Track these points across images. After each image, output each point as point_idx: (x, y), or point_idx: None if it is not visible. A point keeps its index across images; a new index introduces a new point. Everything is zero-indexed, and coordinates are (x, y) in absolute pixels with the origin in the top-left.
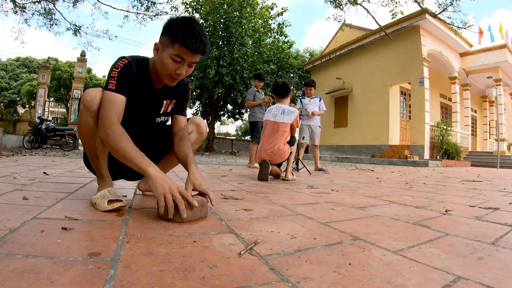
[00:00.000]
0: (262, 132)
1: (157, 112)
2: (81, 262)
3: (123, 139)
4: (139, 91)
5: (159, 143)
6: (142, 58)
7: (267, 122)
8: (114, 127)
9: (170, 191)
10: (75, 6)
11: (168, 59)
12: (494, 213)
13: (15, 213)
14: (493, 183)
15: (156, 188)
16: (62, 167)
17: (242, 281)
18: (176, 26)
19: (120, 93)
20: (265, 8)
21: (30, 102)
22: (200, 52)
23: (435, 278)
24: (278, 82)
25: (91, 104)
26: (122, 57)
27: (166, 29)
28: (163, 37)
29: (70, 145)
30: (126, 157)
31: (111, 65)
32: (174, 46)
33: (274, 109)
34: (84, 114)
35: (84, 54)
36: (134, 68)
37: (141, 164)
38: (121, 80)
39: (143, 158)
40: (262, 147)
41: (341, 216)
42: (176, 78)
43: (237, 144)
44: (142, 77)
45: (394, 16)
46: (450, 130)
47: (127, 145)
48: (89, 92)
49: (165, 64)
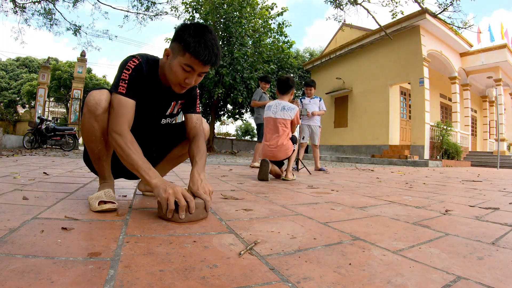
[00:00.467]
0: (264, 129)
1: (164, 113)
2: (81, 262)
3: (132, 148)
4: (148, 92)
5: (161, 144)
6: (152, 58)
7: (268, 119)
8: (124, 133)
9: (173, 194)
10: (75, 6)
11: (178, 67)
12: (494, 213)
13: (15, 213)
14: (493, 183)
15: (159, 194)
16: (62, 167)
17: (242, 281)
18: (188, 34)
19: (130, 97)
20: (265, 8)
21: (30, 102)
22: (211, 64)
23: (435, 278)
24: (281, 77)
25: (96, 107)
26: (132, 57)
27: (178, 35)
28: (174, 44)
29: (70, 145)
30: (133, 166)
31: (121, 64)
32: (185, 55)
33: (274, 106)
34: (88, 118)
35: (84, 54)
36: (144, 69)
37: (147, 176)
38: (132, 83)
39: (149, 170)
40: (265, 144)
41: (341, 216)
42: (185, 87)
43: (237, 144)
44: (151, 78)
45: (394, 16)
46: (450, 130)
47: (136, 155)
48: (94, 95)
49: (174, 72)
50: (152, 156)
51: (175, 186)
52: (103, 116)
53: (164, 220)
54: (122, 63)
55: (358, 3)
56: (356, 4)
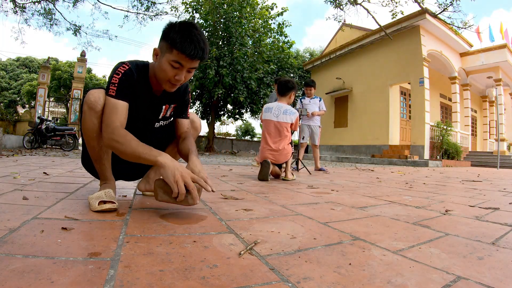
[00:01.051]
0: (265, 131)
1: (156, 117)
2: (81, 262)
3: (127, 140)
4: (139, 97)
5: (156, 145)
6: (142, 63)
7: (270, 122)
8: (117, 131)
9: (182, 178)
10: (75, 6)
11: (167, 65)
12: (494, 213)
13: (15, 213)
14: (493, 183)
15: (167, 176)
16: (62, 167)
17: (242, 281)
18: (174, 32)
19: (121, 98)
20: (265, 8)
21: (30, 102)
22: (198, 58)
23: (435, 278)
24: (281, 78)
25: (95, 104)
26: (122, 63)
27: (164, 34)
28: (162, 43)
29: (70, 145)
30: (135, 155)
31: (111, 70)
32: (172, 52)
33: (275, 109)
34: (89, 115)
35: (84, 54)
36: (134, 74)
37: (151, 157)
38: (122, 86)
39: (151, 150)
40: (266, 147)
41: (341, 216)
42: (175, 84)
43: (237, 144)
44: (142, 83)
45: (394, 16)
46: (450, 130)
47: (133, 144)
48: (93, 93)
49: (163, 70)
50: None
51: (183, 169)
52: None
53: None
54: (112, 69)
55: (358, 3)
56: (356, 4)
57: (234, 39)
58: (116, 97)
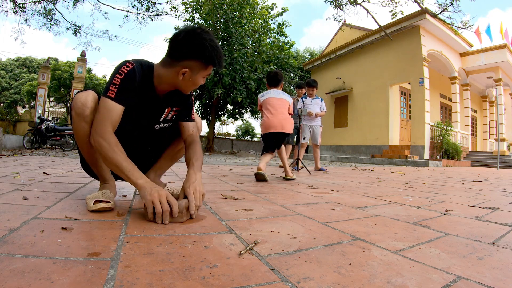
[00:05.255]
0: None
1: (157, 120)
2: (81, 262)
3: (115, 150)
4: (141, 99)
5: (156, 148)
6: (147, 64)
7: (271, 99)
8: (107, 136)
9: (158, 197)
10: (75, 6)
11: (201, 79)
12: (494, 213)
13: (15, 213)
14: (493, 183)
15: (145, 196)
16: (62, 167)
17: (242, 281)
18: (208, 51)
19: (118, 102)
20: (265, 8)
21: (30, 102)
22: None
23: (435, 278)
24: (270, 72)
25: (83, 109)
26: (127, 62)
27: (195, 53)
28: (192, 62)
29: (70, 145)
30: (118, 168)
31: (115, 68)
32: (207, 68)
33: (273, 92)
34: (78, 121)
35: (84, 54)
36: (137, 75)
37: (132, 177)
38: (123, 88)
39: (134, 170)
40: (273, 117)
41: (341, 216)
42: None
43: (237, 144)
44: (145, 85)
45: (394, 16)
46: (450, 130)
47: (119, 156)
48: (79, 97)
49: (197, 84)
50: (148, 155)
51: (160, 189)
52: (91, 116)
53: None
54: (115, 68)
55: (358, 3)
56: (356, 4)
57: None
58: (114, 99)
